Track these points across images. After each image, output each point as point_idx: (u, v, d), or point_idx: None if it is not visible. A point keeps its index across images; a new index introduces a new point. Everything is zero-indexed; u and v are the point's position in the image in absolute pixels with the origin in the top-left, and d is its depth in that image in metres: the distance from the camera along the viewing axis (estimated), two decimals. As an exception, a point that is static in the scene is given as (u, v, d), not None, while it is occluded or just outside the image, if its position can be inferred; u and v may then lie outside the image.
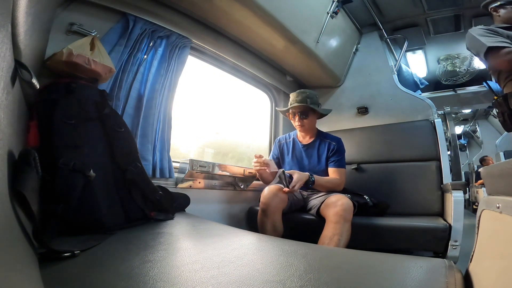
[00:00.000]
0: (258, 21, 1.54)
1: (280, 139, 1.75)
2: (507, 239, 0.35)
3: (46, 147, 0.82)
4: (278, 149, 1.71)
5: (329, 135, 1.65)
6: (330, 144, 1.59)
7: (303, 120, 1.57)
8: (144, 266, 0.52)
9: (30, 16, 0.58)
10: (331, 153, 1.57)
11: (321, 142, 1.62)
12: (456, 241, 1.22)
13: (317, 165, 1.57)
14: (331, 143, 1.59)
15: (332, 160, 1.55)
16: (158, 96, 1.39)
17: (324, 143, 1.60)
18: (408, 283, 0.46)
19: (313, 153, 1.60)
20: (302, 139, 1.67)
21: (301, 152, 1.63)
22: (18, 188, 0.47)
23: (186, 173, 1.44)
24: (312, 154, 1.61)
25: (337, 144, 1.59)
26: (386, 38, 2.29)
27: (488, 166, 0.48)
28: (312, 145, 1.62)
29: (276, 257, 0.63)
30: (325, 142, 1.60)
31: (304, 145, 1.64)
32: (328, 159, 1.57)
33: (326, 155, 1.57)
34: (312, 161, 1.59)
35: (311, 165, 1.58)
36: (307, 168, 1.57)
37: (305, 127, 1.59)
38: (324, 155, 1.57)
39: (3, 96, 0.43)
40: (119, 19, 1.29)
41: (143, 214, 0.98)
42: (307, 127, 1.59)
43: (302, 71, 2.19)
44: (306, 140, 1.65)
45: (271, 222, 1.31)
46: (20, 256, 0.39)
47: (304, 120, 1.57)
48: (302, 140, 1.66)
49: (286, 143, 1.71)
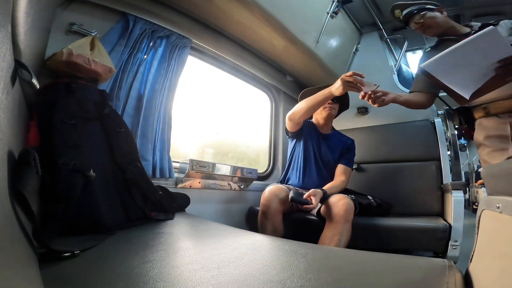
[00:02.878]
0: (258, 21, 1.54)
1: (308, 121, 1.67)
2: (507, 239, 0.35)
3: (46, 147, 0.82)
4: (305, 125, 1.61)
5: (344, 135, 1.68)
6: (346, 142, 1.62)
7: (335, 103, 1.56)
8: (144, 266, 0.52)
9: (30, 16, 0.58)
10: (346, 150, 1.59)
11: (337, 137, 1.64)
12: (456, 241, 1.22)
13: (329, 157, 1.58)
14: (347, 141, 1.63)
15: (346, 158, 1.57)
16: (158, 96, 1.39)
17: (340, 139, 1.63)
18: (408, 283, 0.46)
19: (328, 144, 1.61)
20: (320, 129, 1.65)
21: (318, 139, 1.62)
22: (18, 188, 0.47)
23: (186, 173, 1.44)
24: (328, 145, 1.61)
25: (352, 144, 1.63)
26: (386, 38, 2.29)
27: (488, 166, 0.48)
28: (329, 137, 1.63)
29: (276, 257, 0.63)
30: (341, 139, 1.63)
31: (322, 134, 1.63)
32: (341, 155, 1.58)
33: (340, 151, 1.59)
34: (326, 152, 1.59)
35: (323, 155, 1.58)
36: (316, 158, 1.57)
37: (332, 113, 1.58)
38: (338, 151, 1.58)
39: (3, 96, 0.43)
40: (119, 19, 1.29)
41: (143, 214, 0.98)
42: (333, 114, 1.59)
43: (302, 71, 2.19)
44: (325, 131, 1.64)
45: (271, 224, 1.30)
46: (20, 256, 0.39)
47: (335, 104, 1.57)
48: (321, 129, 1.65)
49: (307, 124, 1.64)
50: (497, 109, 1.04)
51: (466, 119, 1.21)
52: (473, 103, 1.15)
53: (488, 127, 1.07)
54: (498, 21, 1.11)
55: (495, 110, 1.05)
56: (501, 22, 1.11)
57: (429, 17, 1.17)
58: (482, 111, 1.10)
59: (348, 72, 1.19)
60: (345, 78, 1.20)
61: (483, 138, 1.08)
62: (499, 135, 1.02)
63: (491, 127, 1.05)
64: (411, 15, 1.22)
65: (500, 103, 1.04)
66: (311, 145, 1.60)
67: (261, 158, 2.33)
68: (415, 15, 1.21)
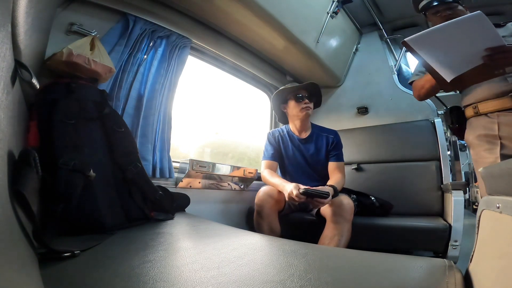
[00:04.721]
0: (258, 21, 1.54)
1: (273, 132, 1.61)
2: (507, 239, 0.35)
3: (46, 147, 0.82)
4: (275, 141, 1.57)
5: (324, 128, 1.60)
6: (329, 138, 1.55)
7: (311, 102, 1.52)
8: (144, 266, 0.52)
9: (30, 16, 0.58)
10: (331, 147, 1.52)
11: (318, 135, 1.57)
12: (456, 241, 1.22)
13: (316, 159, 1.53)
14: (329, 137, 1.55)
15: (334, 154, 1.51)
16: (158, 96, 1.39)
17: (322, 136, 1.56)
18: (408, 283, 0.46)
19: (311, 147, 1.54)
20: (298, 133, 1.57)
21: (300, 146, 1.55)
22: (18, 188, 0.47)
23: (186, 173, 1.44)
24: (310, 148, 1.55)
25: (335, 137, 1.55)
26: (386, 38, 2.29)
27: (488, 166, 0.48)
28: (310, 139, 1.56)
29: (276, 257, 0.63)
30: (323, 136, 1.56)
31: (301, 139, 1.56)
32: (328, 153, 1.53)
33: (325, 149, 1.53)
34: (312, 155, 1.54)
35: (311, 160, 1.54)
36: (307, 163, 1.54)
37: (310, 113, 1.52)
38: (323, 149, 1.53)
39: (3, 96, 0.43)
40: (119, 19, 1.29)
41: (143, 214, 0.98)
42: (310, 113, 1.53)
43: (302, 71, 2.19)
44: (303, 134, 1.57)
45: (267, 223, 1.30)
46: (20, 256, 0.39)
47: (311, 103, 1.52)
48: (298, 134, 1.57)
49: (281, 136, 1.58)
50: (486, 108, 1.04)
51: (457, 119, 1.21)
52: (464, 103, 1.15)
53: (478, 126, 1.07)
54: (506, 23, 1.11)
55: (484, 109, 1.05)
56: (508, 24, 1.10)
57: (461, 10, 1.13)
58: (472, 110, 1.09)
59: (295, 192, 1.16)
60: (291, 196, 1.18)
61: (472, 138, 1.08)
62: (487, 134, 1.02)
63: (480, 126, 1.05)
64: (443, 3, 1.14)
65: (489, 102, 1.03)
66: (295, 156, 1.55)
67: (261, 158, 2.33)
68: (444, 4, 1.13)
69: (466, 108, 1.14)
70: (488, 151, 1.01)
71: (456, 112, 1.22)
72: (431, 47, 0.89)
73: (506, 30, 1.08)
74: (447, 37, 0.85)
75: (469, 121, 1.13)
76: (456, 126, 1.22)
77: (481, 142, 1.04)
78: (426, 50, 0.90)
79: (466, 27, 0.82)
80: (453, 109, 1.24)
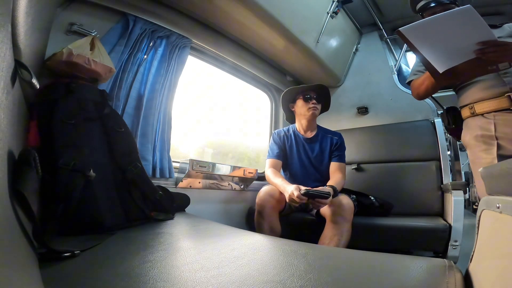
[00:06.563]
0: (258, 21, 1.54)
1: (279, 132, 1.64)
2: (507, 239, 0.35)
3: (46, 147, 0.82)
4: (281, 140, 1.60)
5: (329, 130, 1.65)
6: (333, 139, 1.58)
7: (319, 104, 1.56)
8: (144, 266, 0.52)
9: (30, 16, 0.58)
10: (334, 147, 1.56)
11: (323, 136, 1.60)
12: (456, 241, 1.22)
13: (321, 159, 1.55)
14: (333, 138, 1.58)
15: (336, 155, 1.54)
16: (158, 96, 1.39)
17: (326, 137, 1.59)
18: (408, 283, 0.46)
19: (316, 148, 1.57)
20: (304, 132, 1.60)
21: (304, 146, 1.59)
22: (18, 188, 0.47)
23: (186, 173, 1.44)
24: (315, 148, 1.57)
25: (340, 139, 1.59)
26: (386, 38, 2.29)
27: (488, 166, 0.48)
28: (315, 139, 1.59)
29: (276, 257, 0.63)
30: (327, 137, 1.59)
31: (307, 139, 1.59)
32: (331, 153, 1.56)
33: (329, 149, 1.56)
34: (316, 155, 1.56)
35: (315, 160, 1.56)
36: (311, 162, 1.55)
37: (316, 113, 1.56)
38: (327, 150, 1.56)
39: (3, 96, 0.43)
40: (119, 19, 1.29)
41: (143, 214, 0.98)
42: (317, 114, 1.57)
43: (302, 71, 2.19)
44: (308, 134, 1.60)
45: (268, 223, 1.30)
46: (20, 256, 0.39)
47: (319, 105, 1.56)
48: (304, 133, 1.60)
49: (286, 136, 1.62)
50: (482, 108, 1.04)
51: (454, 120, 1.21)
52: (460, 103, 1.15)
53: (474, 127, 1.06)
54: (502, 24, 1.11)
55: (480, 110, 1.04)
56: (505, 25, 1.10)
57: None
58: (468, 111, 1.09)
59: (296, 194, 1.17)
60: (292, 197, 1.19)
61: (469, 138, 1.08)
62: (484, 134, 1.01)
63: (477, 127, 1.05)
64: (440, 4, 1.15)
65: (485, 103, 1.03)
66: (300, 155, 1.58)
67: (261, 158, 2.33)
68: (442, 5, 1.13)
69: (463, 108, 1.14)
70: (485, 151, 1.01)
71: (453, 112, 1.23)
72: (424, 38, 0.91)
73: (503, 31, 1.08)
74: (440, 28, 0.87)
75: (465, 121, 1.13)
76: (452, 126, 1.22)
77: (478, 143, 1.04)
78: (420, 40, 0.92)
79: (457, 20, 0.83)
80: (449, 110, 1.25)
